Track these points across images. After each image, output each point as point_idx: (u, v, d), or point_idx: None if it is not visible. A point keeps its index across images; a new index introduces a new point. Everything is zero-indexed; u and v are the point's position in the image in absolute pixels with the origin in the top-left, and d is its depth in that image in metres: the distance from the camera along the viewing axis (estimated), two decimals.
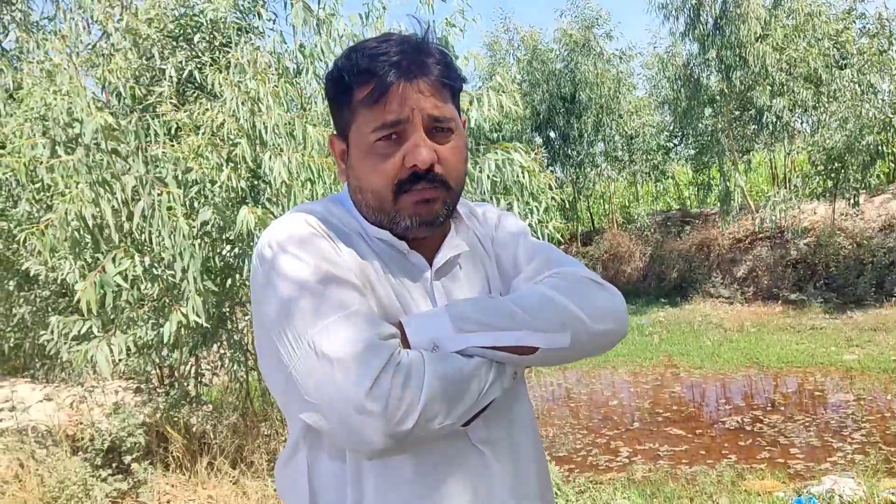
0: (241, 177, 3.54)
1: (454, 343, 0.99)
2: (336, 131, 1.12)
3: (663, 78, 16.28)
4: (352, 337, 0.93)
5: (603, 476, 5.78)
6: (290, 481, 1.10)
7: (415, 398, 0.92)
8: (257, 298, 1.03)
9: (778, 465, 5.67)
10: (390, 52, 1.02)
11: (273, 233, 1.04)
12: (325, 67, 4.41)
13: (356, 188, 1.07)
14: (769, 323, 11.66)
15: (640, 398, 8.39)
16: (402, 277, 1.08)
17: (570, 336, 1.04)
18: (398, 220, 1.05)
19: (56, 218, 3.19)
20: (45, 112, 3.43)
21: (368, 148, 1.03)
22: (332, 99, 1.09)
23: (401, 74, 1.01)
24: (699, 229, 15.48)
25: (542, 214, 4.58)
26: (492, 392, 1.01)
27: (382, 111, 1.01)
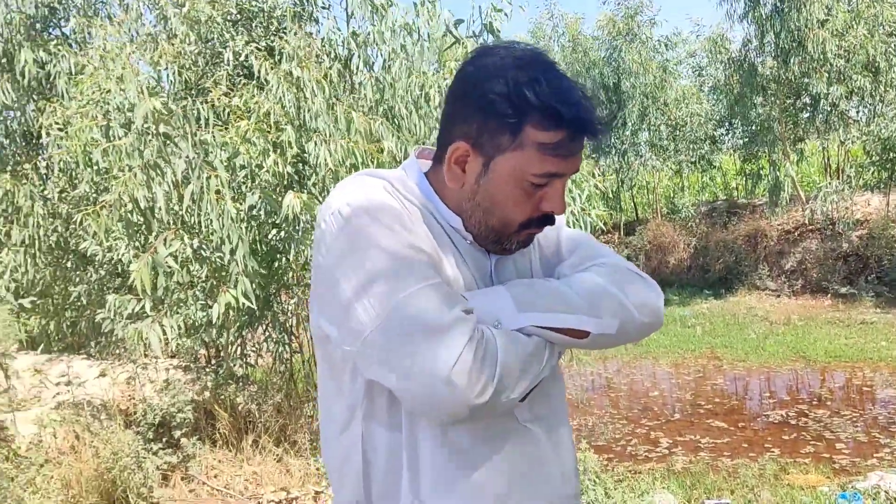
0: (287, 162, 3.61)
1: (516, 321, 1.03)
2: (464, 137, 1.06)
3: (714, 64, 15.91)
4: (437, 308, 0.96)
5: (642, 466, 5.77)
6: (342, 451, 1.12)
7: (491, 373, 0.96)
8: (329, 257, 1.03)
9: (823, 460, 5.57)
10: (579, 104, 1.01)
11: (351, 194, 1.05)
12: (375, 55, 4.45)
13: (480, 205, 1.08)
14: (817, 316, 11.40)
15: (681, 389, 8.31)
16: (467, 259, 1.12)
17: (617, 324, 1.09)
18: (506, 243, 1.11)
19: (111, 200, 3.31)
20: (102, 96, 3.56)
21: (519, 181, 1.04)
22: (487, 113, 1.03)
23: (584, 136, 1.03)
24: (747, 220, 15.15)
25: (584, 202, 4.56)
26: (545, 371, 1.05)
27: (555, 164, 1.03)
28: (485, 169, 1.06)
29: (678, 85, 17.34)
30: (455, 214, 1.10)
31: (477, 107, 1.04)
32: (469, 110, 1.06)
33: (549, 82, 1.01)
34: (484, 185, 1.06)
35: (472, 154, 1.06)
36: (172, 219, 3.66)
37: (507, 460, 1.08)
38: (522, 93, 1.00)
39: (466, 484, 1.06)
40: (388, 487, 1.08)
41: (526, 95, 1.00)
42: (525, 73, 1.02)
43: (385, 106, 4.24)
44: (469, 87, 1.06)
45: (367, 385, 1.06)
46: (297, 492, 4.48)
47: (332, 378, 1.12)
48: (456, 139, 1.07)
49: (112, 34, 3.86)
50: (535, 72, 1.02)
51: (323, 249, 1.05)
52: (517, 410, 1.09)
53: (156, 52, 3.79)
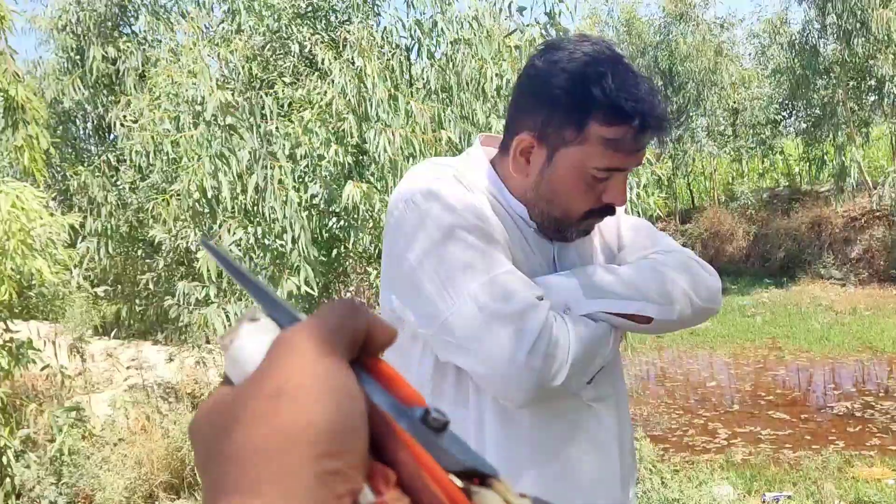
0: (348, 152, 3.69)
1: (584, 307, 1.07)
2: (529, 128, 1.09)
3: (773, 46, 15.42)
4: (513, 293, 1.00)
5: (700, 457, 5.69)
6: None
7: (564, 357, 1.00)
8: (403, 244, 1.07)
9: (889, 453, 5.41)
10: (646, 100, 1.04)
11: (423, 182, 1.08)
12: (435, 45, 4.49)
13: (543, 195, 1.11)
14: (885, 306, 10.99)
15: (740, 380, 8.14)
16: (532, 246, 1.16)
17: (678, 310, 1.12)
18: (567, 231, 1.14)
19: (180, 189, 3.44)
20: (174, 90, 3.70)
21: (582, 174, 1.07)
22: (552, 106, 1.06)
23: (651, 132, 1.06)
24: (810, 207, 14.67)
25: (640, 189, 4.52)
26: (610, 354, 1.10)
27: (618, 159, 1.06)
28: (549, 161, 1.08)
29: (736, 68, 16.83)
30: (520, 203, 1.13)
31: (543, 100, 1.07)
32: (535, 103, 1.09)
33: (615, 77, 1.03)
34: (548, 177, 1.09)
35: (536, 146, 1.09)
36: (237, 208, 3.78)
37: (571, 439, 1.12)
38: (588, 88, 1.03)
39: (531, 462, 1.10)
40: None
41: (591, 91, 1.03)
42: (591, 69, 1.04)
43: (446, 94, 4.28)
44: (536, 81, 1.09)
45: (435, 364, 1.10)
46: None
47: (400, 356, 1.16)
48: (522, 131, 1.09)
49: (185, 30, 4.00)
50: (601, 67, 1.04)
51: (397, 236, 1.08)
52: (582, 391, 1.12)
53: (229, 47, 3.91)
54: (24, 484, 4.06)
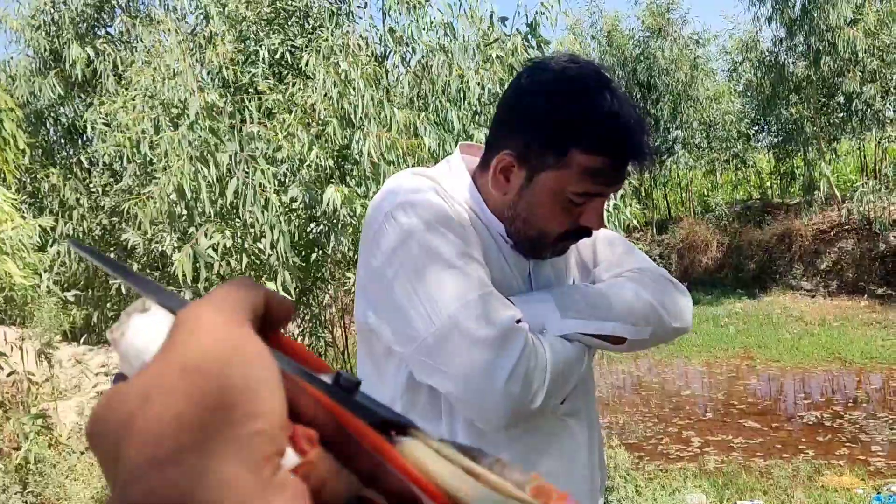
0: (330, 156, 3.67)
1: (559, 327, 1.07)
2: (510, 148, 1.09)
3: (745, 63, 15.72)
4: (493, 317, 0.98)
5: (673, 465, 5.74)
6: None
7: (542, 381, 1.00)
8: (382, 259, 1.05)
9: (858, 462, 5.50)
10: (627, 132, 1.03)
11: (404, 195, 1.07)
12: (411, 53, 4.51)
13: (520, 215, 1.10)
14: (854, 317, 11.20)
15: (713, 389, 8.23)
16: (509, 262, 1.16)
17: (651, 330, 1.13)
18: (542, 251, 1.14)
19: (157, 190, 3.40)
20: (153, 91, 3.66)
21: (560, 198, 1.06)
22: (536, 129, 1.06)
23: (630, 163, 1.06)
24: (781, 220, 14.93)
25: (617, 200, 4.56)
26: (584, 372, 1.11)
27: (597, 187, 1.05)
28: (528, 182, 1.08)
29: (711, 83, 17.14)
30: (498, 219, 1.13)
31: (526, 122, 1.07)
32: (518, 124, 1.08)
33: (600, 106, 1.02)
34: (526, 198, 1.09)
35: (517, 166, 1.08)
36: (214, 211, 3.74)
37: (543, 452, 1.12)
38: (572, 115, 1.02)
39: None
40: None
41: (575, 118, 1.02)
42: (577, 94, 1.03)
43: (422, 102, 4.29)
44: (521, 101, 1.09)
45: (408, 379, 1.08)
46: None
47: (374, 366, 1.15)
48: (503, 150, 1.09)
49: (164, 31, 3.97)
50: (585, 93, 1.03)
51: (374, 251, 1.07)
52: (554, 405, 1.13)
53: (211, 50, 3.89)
54: None
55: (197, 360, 0.27)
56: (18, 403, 5.11)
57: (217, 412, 0.26)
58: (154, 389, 0.27)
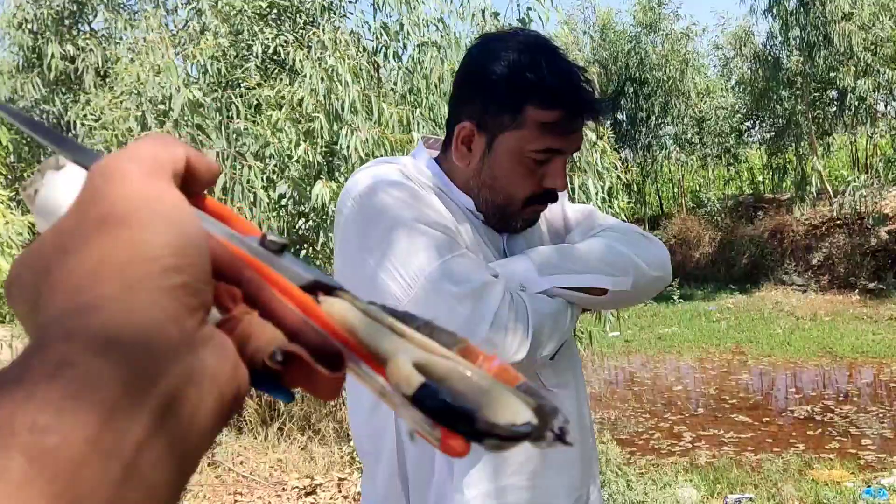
0: (318, 151, 3.66)
1: (539, 284, 1.08)
2: (469, 117, 1.11)
3: (738, 58, 15.75)
4: (469, 274, 1.01)
5: (665, 460, 5.75)
6: (375, 429, 1.15)
7: (525, 330, 1.01)
8: (354, 239, 1.08)
9: (848, 456, 5.52)
10: (576, 84, 1.07)
11: (370, 177, 1.09)
12: (402, 48, 4.50)
13: (485, 182, 1.13)
14: (844, 312, 11.25)
15: (705, 384, 8.26)
16: (482, 237, 1.17)
17: (632, 280, 1.14)
18: (512, 220, 1.16)
19: None
20: (139, 87, 3.63)
21: (519, 159, 1.09)
22: (490, 93, 1.09)
23: (582, 117, 1.09)
24: (772, 215, 14.98)
25: (605, 193, 4.56)
26: (568, 331, 1.11)
27: (553, 141, 1.08)
28: (488, 148, 1.11)
29: (702, 78, 17.16)
30: (466, 195, 1.15)
31: (480, 88, 1.10)
32: (473, 92, 1.12)
33: (549, 64, 1.07)
34: (488, 163, 1.11)
35: (476, 133, 1.11)
36: None
37: None
38: (522, 74, 1.06)
39: (491, 458, 1.10)
40: (422, 461, 1.12)
41: (525, 76, 1.06)
42: (526, 56, 1.08)
43: (414, 97, 4.28)
44: (473, 70, 1.13)
45: None
46: (321, 479, 4.54)
47: None
48: (462, 120, 1.12)
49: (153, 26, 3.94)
50: (535, 54, 1.08)
51: (347, 234, 1.09)
52: (544, 375, 1.14)
53: (196, 46, 3.86)
54: None
55: (115, 211, 0.26)
56: None
57: (136, 265, 0.25)
58: (70, 241, 0.26)
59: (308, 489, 4.40)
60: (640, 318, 12.07)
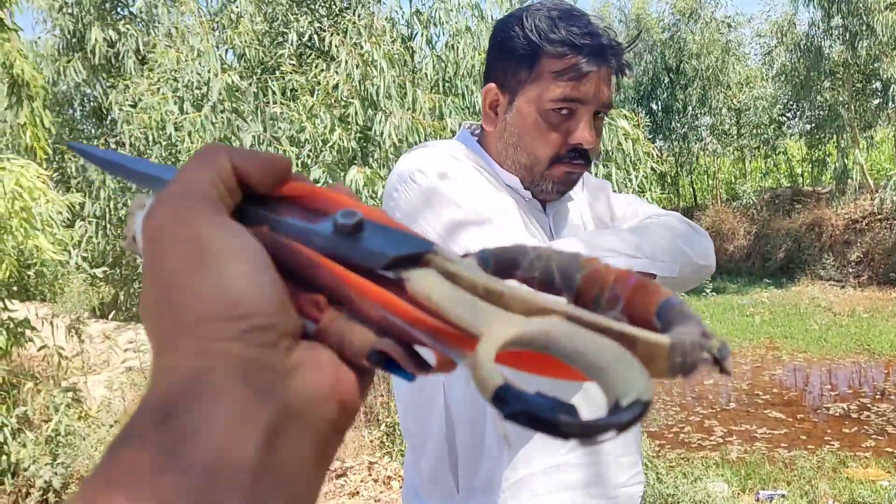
0: (352, 137, 3.67)
1: None
2: (493, 79, 1.13)
3: (780, 47, 15.40)
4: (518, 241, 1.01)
5: (695, 454, 5.69)
6: (422, 407, 1.14)
7: None
8: (406, 219, 1.08)
9: (884, 455, 5.41)
10: (592, 33, 1.07)
11: (423, 160, 1.10)
12: (438, 34, 4.48)
13: (510, 142, 1.13)
14: (884, 309, 10.99)
15: (737, 379, 8.15)
16: (528, 216, 1.17)
17: (678, 268, 1.12)
18: (541, 183, 1.14)
19: None
20: (176, 73, 3.67)
21: (541, 114, 1.09)
22: (509, 51, 1.10)
23: (595, 61, 1.07)
24: (811, 208, 14.67)
25: (639, 183, 4.50)
26: None
27: (570, 89, 1.07)
28: (510, 106, 1.11)
29: (742, 67, 16.82)
30: (511, 174, 1.15)
31: (501, 50, 1.12)
32: (496, 55, 1.14)
33: (562, 16, 1.07)
34: (510, 121, 1.11)
35: (500, 95, 1.12)
36: None
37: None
38: (535, 27, 1.07)
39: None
40: (473, 440, 1.11)
41: (538, 28, 1.07)
42: (541, 13, 1.09)
43: (448, 85, 4.27)
44: (496, 35, 1.14)
45: None
46: (352, 461, 4.59)
47: None
48: (487, 84, 1.14)
49: (192, 10, 3.97)
50: (550, 11, 1.09)
51: (398, 215, 1.08)
52: None
53: (234, 30, 3.89)
54: (20, 463, 4.05)
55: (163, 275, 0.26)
56: (49, 377, 5.22)
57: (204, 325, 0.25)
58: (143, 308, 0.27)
59: (339, 472, 4.45)
60: None
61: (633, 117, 4.61)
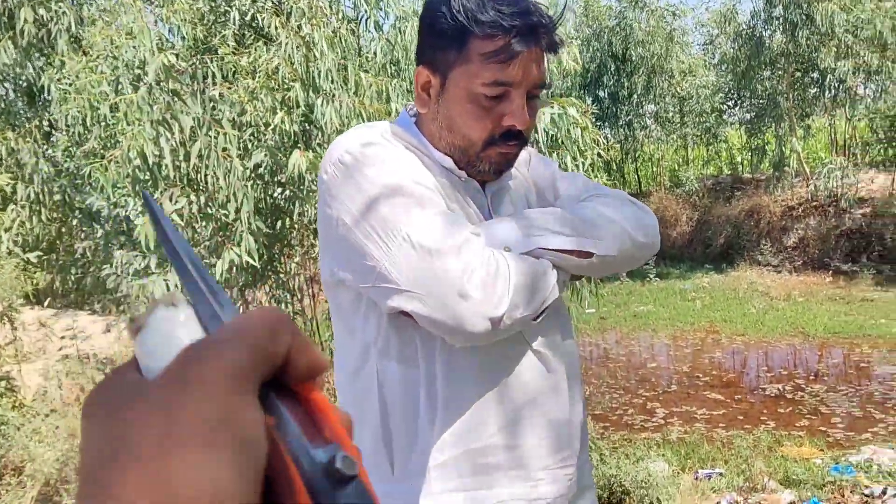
0: (294, 121, 3.61)
1: (524, 245, 1.07)
2: (425, 61, 1.13)
3: (721, 36, 15.73)
4: (448, 230, 1.00)
5: (638, 435, 5.84)
6: (359, 393, 1.15)
7: (505, 287, 1.00)
8: (335, 203, 1.07)
9: (817, 434, 5.64)
10: (517, 11, 1.04)
11: (350, 141, 1.09)
12: (384, 17, 4.42)
13: (443, 125, 1.12)
14: (818, 293, 11.43)
15: (679, 362, 8.37)
16: (465, 196, 1.16)
17: (618, 246, 1.13)
18: (478, 164, 1.13)
19: (119, 154, 3.31)
20: (112, 51, 3.54)
21: (472, 97, 1.07)
22: (438, 32, 1.09)
23: (525, 42, 1.05)
24: (750, 195, 15.11)
25: (585, 170, 4.54)
26: (554, 292, 1.09)
27: (499, 72, 1.05)
28: (442, 88, 1.10)
29: (685, 56, 17.13)
30: (446, 155, 1.14)
31: (429, 30, 1.11)
32: (425, 36, 1.13)
33: None
34: (443, 104, 1.11)
35: (432, 77, 1.11)
36: (178, 176, 3.66)
37: (512, 389, 1.12)
38: (463, 7, 1.05)
39: (472, 417, 1.10)
40: (407, 424, 1.12)
41: (466, 9, 1.05)
42: None
43: (395, 68, 4.23)
44: (425, 13, 1.13)
45: (378, 323, 1.09)
46: None
47: (345, 323, 1.16)
48: (419, 66, 1.13)
49: None
50: None
51: (328, 199, 1.09)
52: (529, 336, 1.13)
53: (169, 7, 3.76)
54: None
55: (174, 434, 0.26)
56: None
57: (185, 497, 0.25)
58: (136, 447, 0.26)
59: None
60: (616, 295, 12.18)
61: (580, 105, 4.64)
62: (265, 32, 3.91)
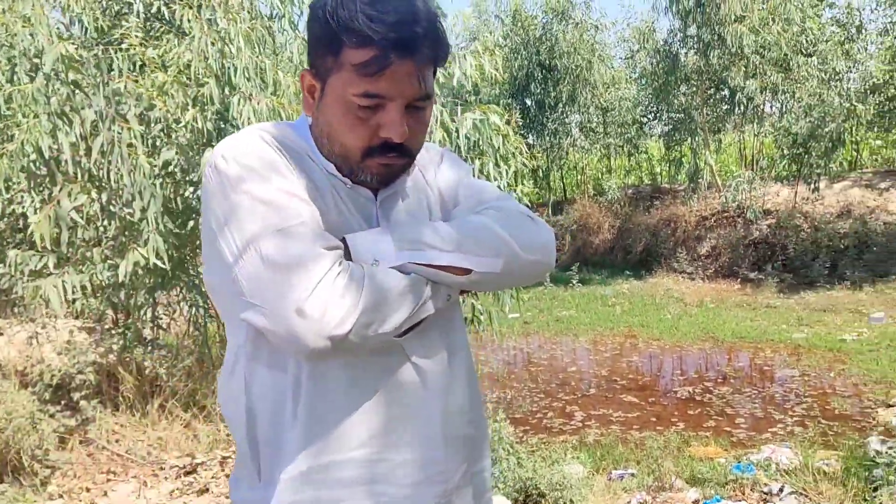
0: (208, 119, 3.48)
1: (394, 259, 1.03)
2: (310, 64, 1.10)
3: (641, 51, 16.28)
4: (297, 246, 0.97)
5: (556, 438, 5.92)
6: (232, 395, 1.12)
7: (353, 305, 0.96)
8: (207, 205, 1.05)
9: (722, 434, 5.86)
10: (392, 21, 0.99)
11: (228, 145, 1.06)
12: (300, 14, 4.33)
13: (324, 131, 1.09)
14: (727, 299, 11.93)
15: (598, 366, 8.55)
16: (349, 203, 1.12)
17: (502, 262, 1.09)
18: (359, 173, 1.09)
19: (12, 148, 3.11)
20: (8, 39, 3.33)
21: (347, 106, 1.04)
22: (316, 38, 1.06)
23: (399, 54, 1.00)
24: (668, 205, 15.65)
25: (510, 178, 4.58)
26: (426, 308, 1.05)
27: (372, 84, 1.01)
28: (322, 94, 1.07)
29: (607, 69, 17.63)
30: (329, 161, 1.10)
31: (311, 35, 1.08)
32: (309, 39, 1.09)
33: (366, 1, 1.00)
34: (322, 110, 1.08)
35: (314, 80, 1.08)
36: (79, 171, 3.48)
37: (383, 401, 1.08)
38: (337, 13, 1.01)
39: (336, 428, 1.06)
40: (273, 431, 1.08)
41: (339, 16, 1.01)
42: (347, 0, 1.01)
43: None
44: (309, 19, 1.09)
45: (248, 327, 1.05)
46: (204, 457, 4.39)
47: (226, 324, 1.13)
48: (304, 69, 1.11)
49: None
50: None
51: (203, 203, 1.07)
52: (407, 347, 1.09)
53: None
54: None
55: None
56: None
57: None
58: None
59: (188, 468, 4.24)
60: (540, 300, 12.38)
61: (503, 113, 4.68)
62: (177, 24, 3.76)
